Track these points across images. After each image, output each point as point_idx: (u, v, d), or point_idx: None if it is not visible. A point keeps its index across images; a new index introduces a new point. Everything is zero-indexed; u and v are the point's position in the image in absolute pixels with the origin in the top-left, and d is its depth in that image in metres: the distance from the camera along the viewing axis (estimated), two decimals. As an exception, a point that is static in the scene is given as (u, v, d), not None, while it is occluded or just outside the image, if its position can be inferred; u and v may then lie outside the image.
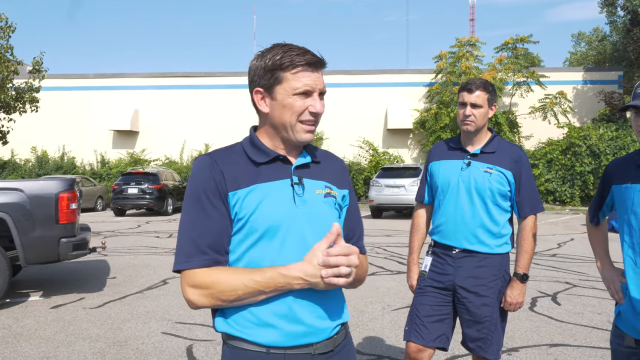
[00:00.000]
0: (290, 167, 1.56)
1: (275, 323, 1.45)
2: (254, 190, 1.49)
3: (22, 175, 25.37)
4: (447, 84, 23.63)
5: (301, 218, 1.50)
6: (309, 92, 1.51)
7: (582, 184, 21.52)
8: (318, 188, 1.56)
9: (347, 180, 1.68)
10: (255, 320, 1.46)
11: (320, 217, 1.53)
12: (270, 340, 1.46)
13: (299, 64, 1.50)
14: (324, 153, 1.68)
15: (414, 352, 2.72)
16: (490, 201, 2.67)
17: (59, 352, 4.44)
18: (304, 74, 1.51)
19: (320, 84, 1.54)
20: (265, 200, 1.48)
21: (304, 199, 1.52)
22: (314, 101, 1.52)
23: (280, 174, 1.54)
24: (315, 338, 1.49)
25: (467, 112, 2.71)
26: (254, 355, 1.47)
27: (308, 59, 1.51)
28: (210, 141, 25.71)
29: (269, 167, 1.54)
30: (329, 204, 1.56)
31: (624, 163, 2.16)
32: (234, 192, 1.49)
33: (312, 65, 1.51)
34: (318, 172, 1.60)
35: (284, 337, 1.46)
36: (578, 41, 44.80)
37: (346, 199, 1.65)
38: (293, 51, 1.51)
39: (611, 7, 30.88)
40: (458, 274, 2.70)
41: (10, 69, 17.62)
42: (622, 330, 2.10)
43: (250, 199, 1.48)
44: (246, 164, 1.54)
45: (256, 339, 1.46)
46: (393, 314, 5.51)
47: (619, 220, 2.13)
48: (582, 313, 5.59)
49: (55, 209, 6.07)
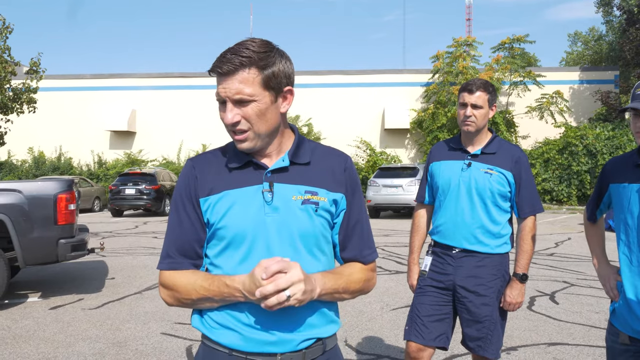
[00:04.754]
0: (264, 172, 1.47)
1: (236, 327, 1.44)
2: (224, 197, 1.45)
3: (19, 176, 25.31)
4: (444, 84, 23.68)
5: (269, 227, 1.43)
6: (224, 102, 1.42)
7: (579, 183, 21.57)
8: (295, 194, 1.45)
9: (345, 182, 1.52)
10: (219, 322, 1.46)
11: (293, 225, 1.43)
12: (232, 343, 1.44)
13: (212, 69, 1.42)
14: (322, 151, 1.56)
15: (414, 351, 2.73)
16: (490, 202, 2.69)
17: (58, 353, 4.44)
18: (218, 79, 1.42)
19: (231, 90, 1.39)
20: (233, 207, 1.44)
21: (275, 206, 1.44)
22: (226, 111, 1.41)
23: (252, 180, 1.46)
24: (279, 348, 1.43)
25: (468, 113, 2.72)
26: (219, 355, 1.47)
27: (217, 63, 1.40)
28: (207, 141, 25.70)
29: (241, 172, 1.48)
30: (306, 211, 1.44)
31: (622, 162, 2.18)
32: (205, 197, 1.47)
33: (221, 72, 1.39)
34: (300, 175, 1.48)
35: (245, 341, 1.43)
36: (574, 41, 44.90)
37: (340, 203, 1.51)
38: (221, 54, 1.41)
39: (607, 6, 31.01)
40: (458, 273, 2.71)
41: (8, 70, 17.57)
42: (617, 327, 2.12)
43: (220, 206, 1.45)
44: (221, 169, 1.49)
45: (219, 339, 1.46)
46: (392, 314, 5.53)
47: (616, 218, 2.15)
48: (580, 312, 5.61)
49: (53, 209, 6.07)
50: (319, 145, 1.58)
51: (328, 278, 1.44)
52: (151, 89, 26.54)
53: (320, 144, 1.60)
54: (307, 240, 1.45)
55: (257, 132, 1.43)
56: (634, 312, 2.03)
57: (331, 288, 1.43)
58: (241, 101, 1.39)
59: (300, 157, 1.50)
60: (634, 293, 2.04)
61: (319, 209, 1.46)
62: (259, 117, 1.41)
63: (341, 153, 1.58)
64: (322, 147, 1.57)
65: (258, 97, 1.39)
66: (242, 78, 1.38)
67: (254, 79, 1.39)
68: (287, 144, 1.52)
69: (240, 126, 1.41)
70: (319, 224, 1.47)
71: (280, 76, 1.43)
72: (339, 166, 1.53)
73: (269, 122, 1.43)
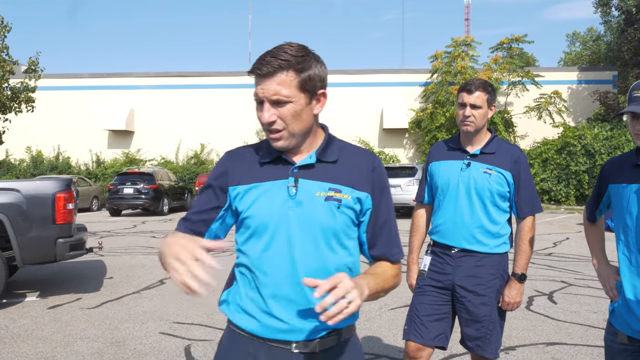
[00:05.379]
0: (291, 168, 1.54)
1: (254, 313, 1.53)
2: (252, 189, 1.54)
3: (17, 175, 25.28)
4: (442, 84, 23.69)
5: (292, 219, 1.50)
6: (261, 102, 1.49)
7: (577, 183, 21.61)
8: (319, 190, 1.52)
9: (372, 181, 1.57)
10: (243, 307, 1.55)
11: (314, 219, 1.50)
12: (252, 328, 1.53)
13: (252, 71, 1.49)
14: (351, 151, 1.61)
15: (413, 351, 2.74)
16: (489, 202, 2.69)
17: (56, 352, 4.44)
18: (256, 80, 1.49)
19: (269, 91, 1.46)
20: (260, 199, 1.52)
21: (298, 201, 1.50)
22: (263, 111, 1.49)
23: (280, 174, 1.54)
24: (293, 336, 1.50)
25: (467, 113, 2.72)
26: (242, 339, 1.56)
27: (257, 64, 1.47)
28: (206, 141, 25.69)
29: (271, 166, 1.56)
30: (329, 207, 1.51)
31: (621, 162, 2.18)
32: (234, 186, 1.56)
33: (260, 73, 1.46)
34: (326, 172, 1.54)
35: (263, 328, 1.52)
36: (573, 41, 44.96)
37: (365, 202, 1.56)
38: (260, 56, 1.49)
39: (605, 7, 31.03)
40: (457, 273, 2.71)
41: (6, 69, 17.55)
42: (615, 327, 2.13)
43: (248, 196, 1.54)
44: (253, 163, 1.59)
45: (241, 324, 1.55)
46: (390, 313, 5.53)
47: (615, 219, 2.15)
48: (578, 312, 5.62)
49: (52, 209, 6.06)
50: (349, 145, 1.64)
51: (370, 280, 1.48)
52: (149, 88, 26.51)
53: (351, 144, 1.66)
54: (328, 234, 1.51)
55: (292, 132, 1.50)
56: (633, 312, 2.04)
57: (374, 289, 1.48)
58: (278, 102, 1.46)
59: (327, 155, 1.56)
60: (633, 293, 2.05)
61: (342, 206, 1.52)
62: (294, 117, 1.48)
63: (370, 154, 1.63)
64: (351, 147, 1.63)
65: (294, 98, 1.47)
66: (280, 80, 1.45)
67: (291, 81, 1.46)
68: (317, 142, 1.59)
69: (276, 126, 1.48)
70: (341, 220, 1.52)
71: (315, 79, 1.50)
72: (366, 166, 1.58)
73: (303, 122, 1.51)
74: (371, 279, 1.48)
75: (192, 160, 25.91)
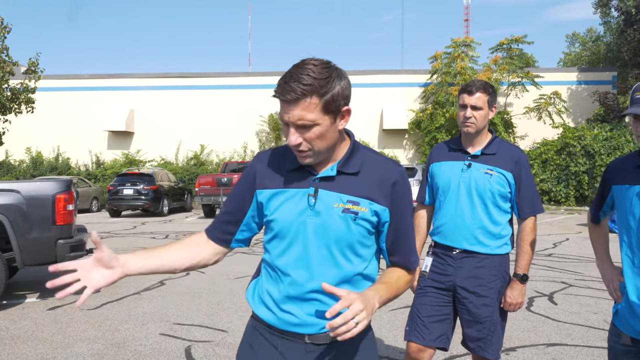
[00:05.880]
0: (312, 178, 1.60)
1: (271, 307, 1.63)
2: (276, 194, 1.62)
3: (17, 176, 25.26)
4: (442, 85, 23.70)
5: (309, 228, 1.57)
6: (286, 124, 1.53)
7: (577, 184, 21.61)
8: (337, 201, 1.57)
9: (391, 195, 1.59)
10: (263, 299, 1.66)
11: (330, 230, 1.56)
12: (269, 319, 1.64)
13: (276, 96, 1.51)
14: (375, 162, 1.63)
15: (415, 352, 2.74)
16: (491, 202, 2.69)
17: (57, 353, 4.43)
18: (281, 105, 1.52)
19: (294, 116, 1.49)
20: (283, 205, 1.60)
21: (317, 211, 1.57)
22: (289, 134, 1.52)
23: (302, 184, 1.60)
24: (307, 330, 1.59)
25: (468, 114, 2.72)
26: (262, 328, 1.67)
27: (280, 91, 1.49)
28: (206, 142, 25.68)
29: (295, 174, 1.62)
30: (345, 219, 1.56)
31: (624, 163, 2.18)
32: (261, 190, 1.65)
33: (284, 99, 1.49)
34: (346, 184, 1.58)
35: (279, 321, 1.62)
36: (572, 42, 44.97)
37: (382, 215, 1.59)
38: (283, 78, 1.50)
39: (605, 7, 31.03)
40: (458, 274, 2.71)
41: (6, 70, 17.55)
42: (619, 328, 2.13)
43: (272, 201, 1.63)
44: (281, 168, 1.65)
45: (260, 314, 1.66)
46: (391, 314, 5.53)
47: (619, 220, 2.15)
48: (578, 312, 5.62)
49: (52, 210, 6.05)
50: (374, 155, 1.66)
51: (383, 290, 1.56)
52: (149, 89, 26.50)
53: (377, 153, 1.68)
54: (342, 244, 1.58)
55: (317, 151, 1.55)
56: (636, 314, 2.04)
57: (386, 298, 1.56)
58: (304, 126, 1.50)
59: (349, 167, 1.60)
60: (636, 294, 2.04)
61: (358, 219, 1.57)
62: (319, 138, 1.52)
63: (394, 165, 1.65)
64: (375, 157, 1.65)
65: (319, 121, 1.50)
66: (304, 106, 1.47)
67: (316, 106, 1.48)
68: (341, 153, 1.62)
69: (302, 147, 1.53)
70: (357, 231, 1.57)
71: (339, 99, 1.51)
72: (388, 179, 1.60)
73: (328, 140, 1.55)
74: (384, 290, 1.56)
75: (192, 161, 25.89)
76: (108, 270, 1.58)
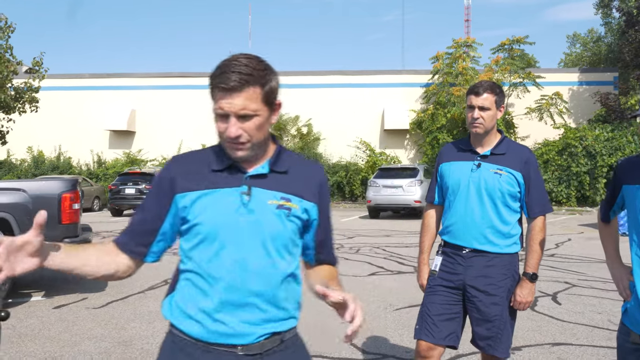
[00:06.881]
0: (243, 176, 1.57)
1: (200, 319, 1.54)
2: (203, 196, 1.55)
3: (18, 175, 25.29)
4: (443, 85, 23.72)
5: (243, 227, 1.53)
6: (225, 115, 1.50)
7: (578, 184, 21.63)
8: (271, 198, 1.56)
9: (319, 193, 1.65)
10: (187, 312, 1.57)
11: (266, 227, 1.54)
12: (196, 333, 1.55)
13: (215, 85, 1.49)
14: (300, 162, 1.67)
15: (425, 350, 2.76)
16: (500, 202, 2.71)
17: (64, 351, 4.46)
18: (220, 94, 1.49)
19: (236, 106, 1.47)
20: (211, 206, 1.54)
21: (250, 209, 1.54)
22: (229, 125, 1.49)
23: (231, 182, 1.56)
24: (240, 340, 1.54)
25: (475, 115, 2.74)
26: (186, 344, 1.57)
27: (222, 79, 1.47)
28: (207, 141, 25.65)
29: (222, 174, 1.58)
30: (280, 216, 1.56)
31: (634, 163, 2.20)
32: (183, 194, 1.57)
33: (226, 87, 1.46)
34: (278, 182, 1.59)
35: (209, 333, 1.54)
36: (573, 42, 44.98)
37: (311, 212, 1.62)
38: (219, 69, 1.49)
39: (606, 8, 31.05)
40: (468, 273, 2.73)
41: (10, 69, 17.58)
42: (628, 327, 2.15)
43: (198, 204, 1.55)
44: (203, 169, 1.59)
45: (186, 329, 1.56)
46: (395, 314, 5.55)
47: (629, 219, 2.17)
48: (582, 312, 5.64)
49: (57, 209, 6.08)
50: (297, 156, 1.70)
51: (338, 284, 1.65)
52: (151, 89, 26.54)
53: (297, 154, 1.72)
54: (277, 242, 1.56)
55: (256, 142, 1.54)
56: (645, 312, 2.05)
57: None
58: (245, 116, 1.48)
59: (279, 166, 1.61)
60: (645, 293, 2.06)
61: (291, 215, 1.57)
62: (258, 130, 1.52)
63: (317, 165, 1.72)
64: (299, 158, 1.69)
65: (260, 112, 1.50)
66: (248, 95, 1.47)
67: (258, 96, 1.49)
68: (269, 152, 1.63)
69: (242, 139, 1.51)
70: (290, 228, 1.58)
71: (275, 92, 1.55)
72: (314, 178, 1.66)
73: (264, 133, 1.55)
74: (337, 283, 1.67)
75: (193, 161, 25.92)
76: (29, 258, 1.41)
